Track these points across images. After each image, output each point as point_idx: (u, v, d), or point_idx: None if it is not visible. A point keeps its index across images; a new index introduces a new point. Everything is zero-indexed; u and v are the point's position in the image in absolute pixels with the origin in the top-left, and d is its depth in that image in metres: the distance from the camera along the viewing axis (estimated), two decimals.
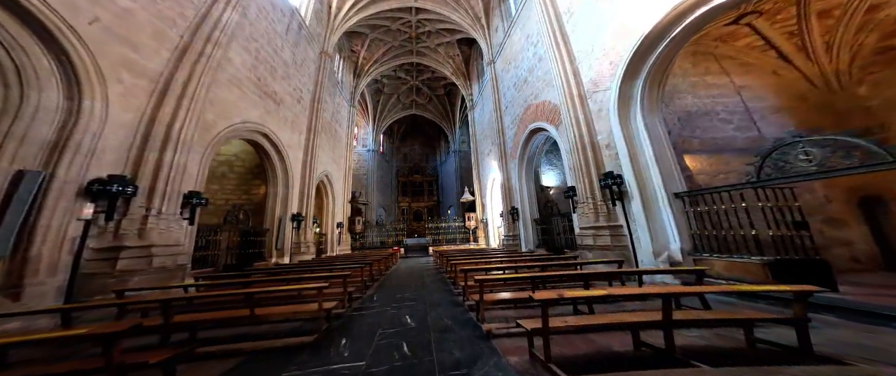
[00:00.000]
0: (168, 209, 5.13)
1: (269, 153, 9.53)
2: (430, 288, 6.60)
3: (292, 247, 10.17)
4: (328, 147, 14.58)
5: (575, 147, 6.95)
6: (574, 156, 6.98)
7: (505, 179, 12.54)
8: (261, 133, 8.94)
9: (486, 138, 16.54)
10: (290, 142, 10.53)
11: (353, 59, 19.49)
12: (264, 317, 3.23)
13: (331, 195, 14.84)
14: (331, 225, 14.67)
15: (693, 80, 6.66)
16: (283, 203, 10.01)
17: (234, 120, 7.63)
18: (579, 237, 6.61)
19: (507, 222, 12.06)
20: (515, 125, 12.07)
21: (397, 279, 8.31)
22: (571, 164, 7.37)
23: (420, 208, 26.04)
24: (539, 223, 10.65)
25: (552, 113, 8.98)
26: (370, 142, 24.50)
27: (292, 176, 10.42)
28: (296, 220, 10.28)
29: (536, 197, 11.13)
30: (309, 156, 11.67)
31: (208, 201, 6.19)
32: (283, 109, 10.19)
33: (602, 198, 6.07)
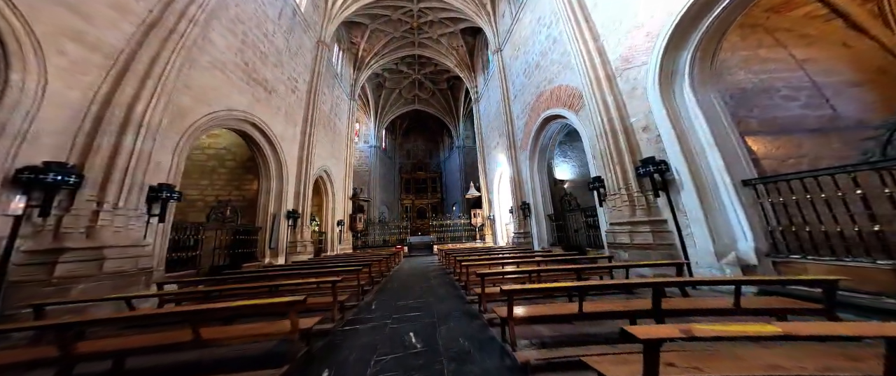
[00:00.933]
0: (127, 203, 4.26)
1: (260, 145, 8.66)
2: (437, 293, 5.69)
3: (288, 247, 9.32)
4: (327, 141, 13.71)
5: (602, 132, 5.97)
6: (601, 143, 6.00)
7: (514, 173, 11.57)
8: (250, 123, 8.07)
9: (492, 131, 15.56)
10: (284, 134, 9.65)
11: (353, 51, 18.57)
12: (215, 341, 2.34)
13: (330, 192, 13.98)
14: (331, 223, 13.82)
15: (744, 55, 5.63)
16: (277, 199, 9.15)
17: (215, 107, 6.75)
18: (610, 234, 5.64)
19: (517, 219, 11.11)
20: (526, 114, 11.08)
21: (400, 281, 7.42)
22: (597, 152, 6.40)
23: (424, 205, 25.15)
24: (553, 219, 9.67)
25: (571, 97, 7.98)
26: (372, 138, 23.63)
27: (287, 170, 9.55)
28: (291, 218, 9.42)
29: (550, 191, 10.15)
30: (305, 149, 10.79)
31: (182, 195, 5.32)
32: (275, 99, 9.31)
33: (638, 188, 5.09)
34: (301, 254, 9.62)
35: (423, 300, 5.20)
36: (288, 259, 9.18)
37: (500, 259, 6.15)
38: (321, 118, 13.17)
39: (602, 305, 2.86)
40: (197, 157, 9.18)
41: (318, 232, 13.52)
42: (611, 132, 5.78)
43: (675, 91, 4.76)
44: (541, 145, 10.32)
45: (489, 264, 5.58)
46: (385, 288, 6.42)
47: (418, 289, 6.18)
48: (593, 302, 3.00)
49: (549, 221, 9.75)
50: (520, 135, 11.63)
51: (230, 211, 7.27)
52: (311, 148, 11.02)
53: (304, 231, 9.93)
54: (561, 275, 3.94)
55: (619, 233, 5.31)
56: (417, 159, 27.28)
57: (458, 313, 4.26)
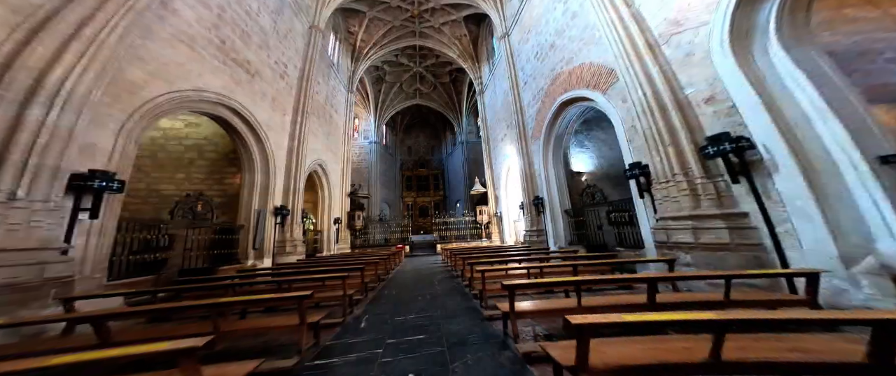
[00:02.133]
0: (32, 193, 3.12)
1: (241, 133, 7.52)
2: (445, 305, 4.55)
3: (275, 247, 8.20)
4: (322, 133, 12.57)
5: (645, 109, 4.80)
6: (643, 122, 4.83)
7: (524, 165, 10.39)
8: (227, 107, 6.93)
9: (499, 122, 14.37)
10: (270, 122, 8.51)
11: (351, 41, 17.39)
12: None
13: (326, 187, 12.86)
14: (327, 221, 12.71)
15: (826, 16, 4.43)
16: (262, 194, 8.02)
17: (180, 85, 5.61)
18: (659, 231, 4.45)
19: (529, 215, 9.93)
20: (538, 101, 9.89)
21: (400, 286, 6.29)
22: (638, 134, 5.22)
23: (426, 203, 24.02)
24: (571, 215, 8.49)
25: (596, 76, 6.80)
26: (372, 134, 22.48)
27: (274, 162, 8.42)
28: (279, 215, 8.29)
29: (567, 184, 8.96)
30: (296, 140, 9.65)
31: (124, 185, 4.18)
32: (260, 83, 8.16)
33: (703, 173, 3.91)
34: (291, 254, 8.51)
35: (427, 315, 4.05)
36: (275, 260, 8.06)
37: (518, 260, 4.99)
38: (315, 108, 12.04)
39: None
40: (173, 148, 8.07)
41: (314, 230, 12.41)
42: (658, 108, 4.59)
43: (755, 52, 3.59)
44: (556, 133, 9.12)
45: (505, 267, 4.43)
46: (381, 297, 5.28)
47: (421, 299, 5.04)
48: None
49: (567, 217, 8.57)
50: (531, 124, 10.43)
51: (202, 205, 6.13)
52: (302, 138, 9.88)
53: (294, 229, 8.81)
54: (620, 283, 2.77)
55: (675, 230, 4.13)
56: (419, 155, 26.12)
57: (478, 337, 3.13)
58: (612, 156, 9.74)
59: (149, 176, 7.70)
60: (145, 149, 7.70)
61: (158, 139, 8.00)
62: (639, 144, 5.31)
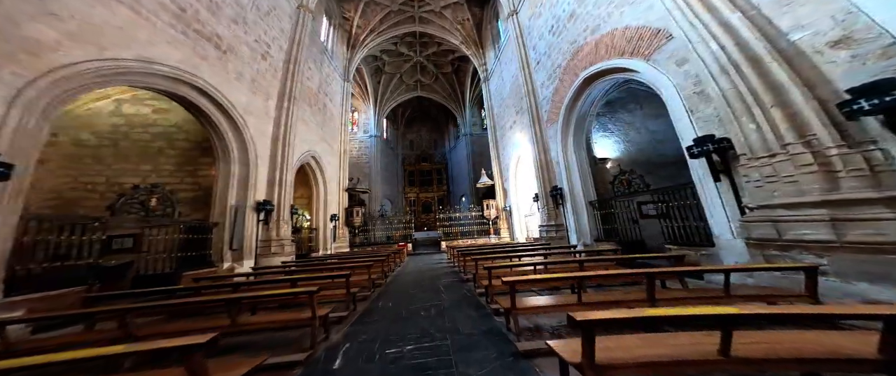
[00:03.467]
0: None
1: (211, 117, 6.32)
2: (455, 322, 3.35)
3: (259, 247, 7.04)
4: (315, 123, 11.35)
5: (724, 67, 3.57)
6: (723, 82, 3.58)
7: (538, 153, 9.09)
8: (190, 85, 5.72)
9: (506, 110, 13.02)
10: (249, 106, 7.30)
11: (346, 27, 16.06)
12: None
13: (321, 182, 11.67)
14: (322, 218, 11.55)
15: None
16: (240, 187, 6.84)
17: (119, 53, 4.41)
18: (756, 224, 3.14)
19: (545, 208, 8.65)
20: (555, 80, 8.54)
21: (399, 294, 5.07)
22: (701, 102, 3.90)
23: (429, 199, 22.80)
24: (597, 207, 7.20)
25: (636, 40, 5.51)
26: (372, 128, 21.23)
27: (255, 151, 7.21)
28: (262, 211, 7.11)
29: (591, 172, 7.64)
30: (283, 127, 8.44)
31: (10, 170, 2.98)
32: (235, 62, 6.94)
33: (839, 140, 2.60)
34: (277, 255, 7.34)
35: (432, 344, 2.84)
36: (258, 262, 6.90)
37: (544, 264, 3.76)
38: (306, 96, 10.81)
39: None
40: (138, 137, 6.91)
41: (309, 228, 11.26)
42: (746, 61, 3.30)
43: None
44: (578, 115, 7.78)
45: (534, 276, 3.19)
46: (372, 312, 4.06)
47: (424, 314, 3.81)
48: None
49: (592, 210, 7.28)
50: (546, 107, 9.10)
51: (158, 199, 4.95)
52: (290, 126, 8.67)
53: (281, 227, 7.63)
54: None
55: (792, 221, 2.82)
56: (421, 150, 24.84)
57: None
58: (641, 141, 8.40)
59: (110, 167, 6.55)
60: (105, 136, 6.55)
61: (121, 126, 6.84)
62: (708, 114, 4.01)
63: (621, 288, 3.65)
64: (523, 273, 4.35)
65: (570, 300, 2.77)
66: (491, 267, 3.94)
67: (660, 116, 8.59)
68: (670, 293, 2.90)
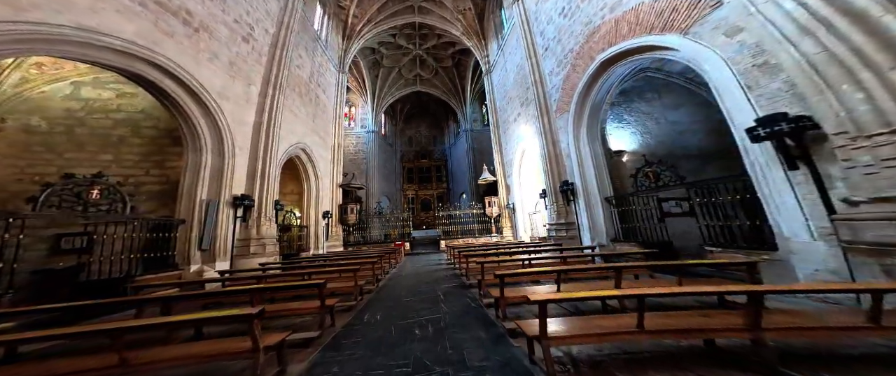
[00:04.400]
0: None
1: (177, 101, 5.43)
2: (460, 350, 2.49)
3: (235, 247, 6.18)
4: (306, 114, 10.46)
5: (804, 28, 2.70)
6: (809, 44, 2.76)
7: (546, 145, 8.26)
8: (149, 62, 4.83)
9: (510, 102, 12.18)
10: (226, 91, 6.42)
11: (342, 17, 15.14)
12: None
13: (313, 177, 10.80)
14: (314, 215, 10.68)
15: None
16: (214, 180, 5.97)
17: (43, 16, 3.51)
18: (862, 224, 2.32)
19: (554, 205, 7.82)
20: (566, 66, 7.69)
21: (391, 304, 4.23)
22: (766, 75, 3.08)
23: (428, 196, 21.95)
24: (614, 203, 6.38)
25: (671, 12, 4.70)
26: (369, 123, 20.33)
27: (231, 140, 6.34)
28: (240, 206, 6.25)
29: (607, 165, 6.81)
30: (267, 115, 7.56)
31: None
32: (208, 41, 6.06)
33: None
34: (257, 255, 6.47)
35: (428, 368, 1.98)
36: (235, 264, 6.04)
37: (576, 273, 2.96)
38: (296, 85, 9.93)
39: None
40: (97, 123, 6.04)
41: (299, 226, 10.40)
42: (844, 16, 2.46)
43: None
44: (592, 103, 6.94)
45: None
46: (352, 333, 3.20)
47: (419, 333, 2.97)
48: None
49: (609, 207, 6.46)
50: (555, 96, 8.26)
51: (100, 192, 4.08)
52: (275, 115, 7.79)
53: (262, 224, 6.76)
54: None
55: None
56: (421, 146, 23.95)
57: None
58: (661, 132, 7.58)
59: (61, 156, 5.67)
60: (57, 122, 5.66)
61: (77, 111, 5.95)
62: (773, 89, 3.20)
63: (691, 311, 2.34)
64: (542, 283, 3.52)
65: (624, 324, 1.94)
66: (502, 273, 3.10)
67: (680, 106, 7.80)
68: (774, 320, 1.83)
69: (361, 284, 4.62)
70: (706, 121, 7.22)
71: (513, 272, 3.18)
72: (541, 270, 3.32)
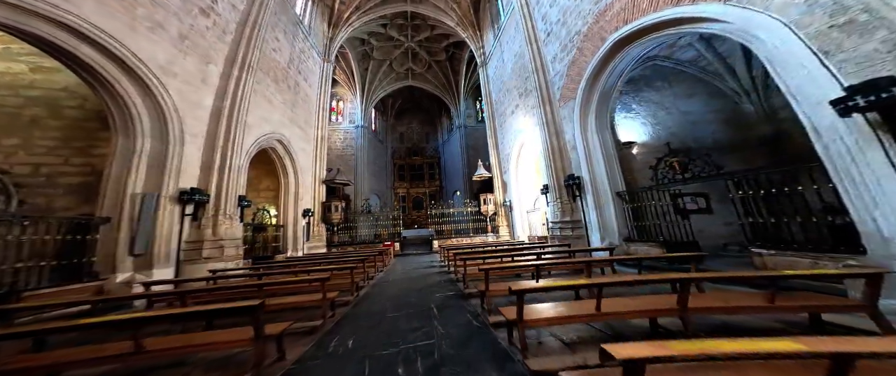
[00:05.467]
0: None
1: (99, 73, 4.25)
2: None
3: (183, 251, 5.03)
4: (282, 102, 9.29)
5: None
6: None
7: (548, 137, 7.43)
8: (56, 22, 3.66)
9: (508, 93, 11.33)
10: (173, 67, 5.28)
11: (328, 2, 13.95)
12: None
13: (291, 171, 9.64)
14: (292, 213, 9.52)
15: None
16: (153, 170, 4.81)
17: None
18: None
19: (557, 201, 6.99)
20: (571, 51, 6.86)
21: (371, 318, 3.23)
22: (849, 33, 2.27)
23: (420, 195, 20.92)
24: (627, 199, 5.59)
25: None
26: (358, 118, 19.13)
27: (179, 126, 5.19)
28: (190, 203, 5.10)
29: (617, 158, 6.01)
30: (230, 100, 6.43)
31: None
32: (150, 7, 4.96)
33: None
34: (213, 260, 5.33)
35: None
36: (182, 271, 4.90)
37: None
38: (272, 69, 8.77)
39: None
40: (1, 101, 4.73)
41: (275, 225, 9.22)
42: None
43: None
44: (601, 90, 6.14)
45: None
46: (306, 371, 2.19)
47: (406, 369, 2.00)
48: None
49: (621, 203, 5.66)
50: (559, 84, 7.43)
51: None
52: (242, 99, 6.65)
53: (219, 224, 5.62)
54: None
55: None
56: (412, 143, 22.89)
57: None
58: (673, 123, 6.86)
59: None
60: None
61: None
62: (867, 51, 2.42)
63: None
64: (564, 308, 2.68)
65: None
66: (521, 289, 2.19)
67: (693, 96, 7.11)
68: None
69: (334, 296, 3.61)
70: (721, 111, 6.57)
71: (531, 289, 2.28)
72: (569, 284, 2.42)
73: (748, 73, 6.41)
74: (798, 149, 5.77)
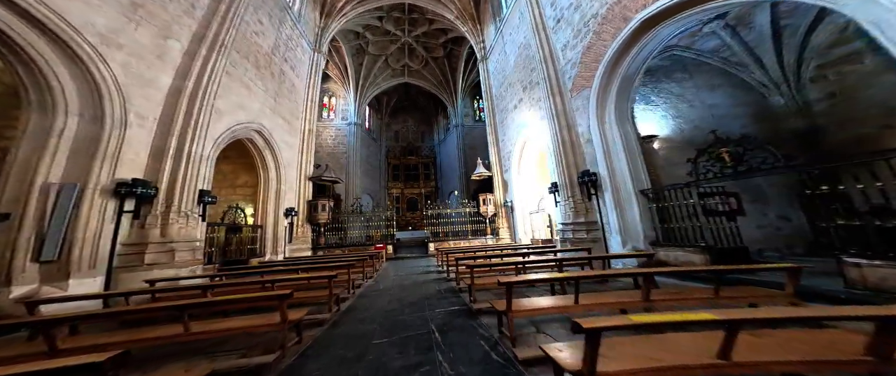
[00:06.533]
0: None
1: (6, 35, 3.23)
2: None
3: (120, 256, 3.99)
4: (263, 90, 8.29)
5: None
6: None
7: (558, 130, 6.63)
8: None
9: (510, 87, 10.56)
10: (117, 36, 4.31)
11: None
12: None
13: (272, 165, 8.60)
14: (272, 212, 8.47)
15: None
16: (80, 156, 3.79)
17: None
18: None
19: (570, 200, 6.16)
20: (587, 36, 6.12)
21: (349, 347, 2.27)
22: None
23: (415, 195, 19.98)
24: (653, 198, 4.81)
25: None
26: (352, 115, 18.13)
27: (120, 103, 4.19)
28: (131, 196, 4.07)
29: (641, 152, 5.24)
30: (194, 80, 5.44)
31: None
32: None
33: None
34: (160, 265, 4.29)
35: None
36: (116, 280, 3.85)
37: None
38: (252, 54, 7.81)
39: None
40: None
41: (253, 226, 8.15)
42: None
43: None
44: (622, 76, 5.38)
45: None
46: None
47: None
48: None
49: (646, 202, 4.87)
50: (571, 73, 6.67)
51: None
52: (211, 82, 5.67)
53: (171, 223, 4.58)
54: None
55: None
56: (408, 142, 21.96)
57: None
58: (696, 117, 6.15)
59: None
60: None
61: None
62: None
63: None
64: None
65: None
66: (595, 327, 1.42)
67: (716, 87, 6.42)
68: None
69: (299, 317, 2.67)
70: (751, 105, 5.91)
71: (611, 325, 1.37)
72: (674, 320, 1.59)
73: (778, 64, 5.77)
74: (837, 144, 5.15)
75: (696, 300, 2.56)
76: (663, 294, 2.76)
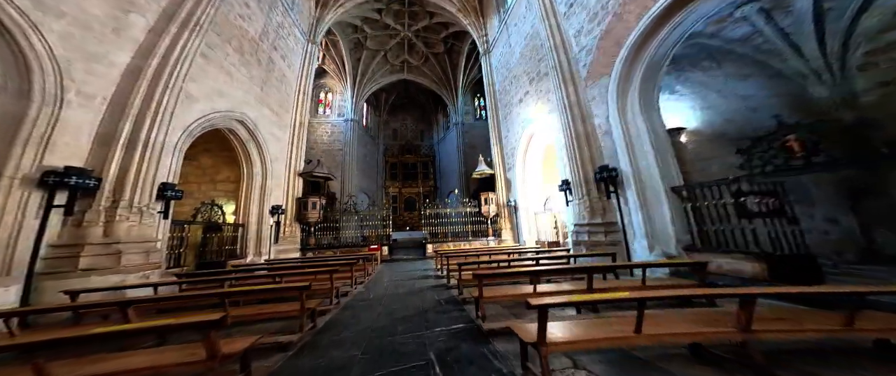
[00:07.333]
0: None
1: None
2: None
3: (45, 259, 3.23)
4: (248, 78, 7.55)
5: None
6: None
7: (570, 122, 5.91)
8: None
9: (515, 81, 9.87)
10: (60, 3, 3.50)
11: None
12: None
13: (257, 159, 7.84)
14: (256, 209, 7.70)
15: None
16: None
17: None
18: None
19: (585, 198, 5.44)
20: (605, 18, 5.43)
21: None
22: None
23: (413, 195, 19.22)
24: (686, 197, 4.09)
25: None
26: (349, 111, 17.39)
27: (55, 78, 3.44)
28: (63, 187, 3.31)
29: (671, 145, 4.53)
30: (159, 59, 4.69)
31: None
32: None
33: None
34: (99, 271, 3.53)
35: None
36: (38, 290, 3.09)
37: None
38: (236, 38, 7.11)
39: None
40: None
41: (233, 225, 7.38)
42: None
43: None
44: (649, 61, 4.68)
45: None
46: None
47: None
48: None
49: (678, 202, 4.16)
50: (586, 60, 5.96)
51: None
52: (180, 63, 4.93)
53: (119, 221, 3.82)
54: None
55: None
56: (406, 140, 21.22)
57: None
58: (727, 108, 5.44)
59: None
60: None
61: None
62: None
63: None
64: None
65: None
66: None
67: (748, 77, 5.70)
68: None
69: (246, 348, 1.93)
70: (786, 95, 5.23)
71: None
72: None
73: (820, 51, 5.10)
74: (895, 139, 4.47)
75: (816, 331, 1.76)
76: (768, 323, 1.84)
